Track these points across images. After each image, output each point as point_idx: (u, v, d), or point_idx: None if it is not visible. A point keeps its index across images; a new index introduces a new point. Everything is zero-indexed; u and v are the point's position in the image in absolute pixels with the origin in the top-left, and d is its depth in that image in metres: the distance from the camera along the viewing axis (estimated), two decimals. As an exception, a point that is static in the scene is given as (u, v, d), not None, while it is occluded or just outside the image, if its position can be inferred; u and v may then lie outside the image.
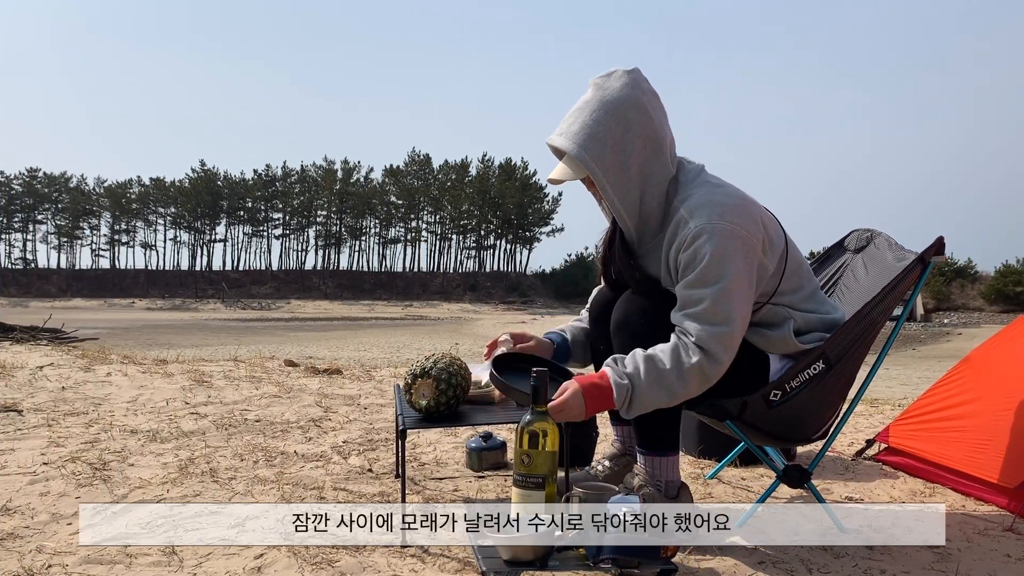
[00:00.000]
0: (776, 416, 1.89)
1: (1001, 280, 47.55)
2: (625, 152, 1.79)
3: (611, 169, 1.79)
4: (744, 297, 1.77)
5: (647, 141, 1.80)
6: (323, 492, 2.29)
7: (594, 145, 1.78)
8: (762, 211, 1.86)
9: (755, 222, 1.80)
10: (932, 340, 28.14)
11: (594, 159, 1.78)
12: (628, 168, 1.80)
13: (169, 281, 74.26)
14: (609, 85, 1.81)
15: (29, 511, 2.12)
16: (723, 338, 1.72)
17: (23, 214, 76.87)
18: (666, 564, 1.52)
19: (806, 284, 1.96)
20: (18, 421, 3.21)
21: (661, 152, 1.83)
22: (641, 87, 1.81)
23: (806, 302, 1.94)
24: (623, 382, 1.72)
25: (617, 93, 1.79)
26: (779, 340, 1.88)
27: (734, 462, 2.64)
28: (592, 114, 1.79)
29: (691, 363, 1.71)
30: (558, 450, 1.74)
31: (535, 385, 1.75)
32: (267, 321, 43.02)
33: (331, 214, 78.14)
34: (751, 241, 1.77)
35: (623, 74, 1.82)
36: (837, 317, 1.99)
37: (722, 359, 1.73)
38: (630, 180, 1.81)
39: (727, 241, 1.73)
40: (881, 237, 2.36)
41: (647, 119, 1.79)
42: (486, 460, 2.59)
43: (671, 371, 1.72)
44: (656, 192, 1.84)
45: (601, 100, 1.79)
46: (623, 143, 1.78)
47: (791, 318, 1.90)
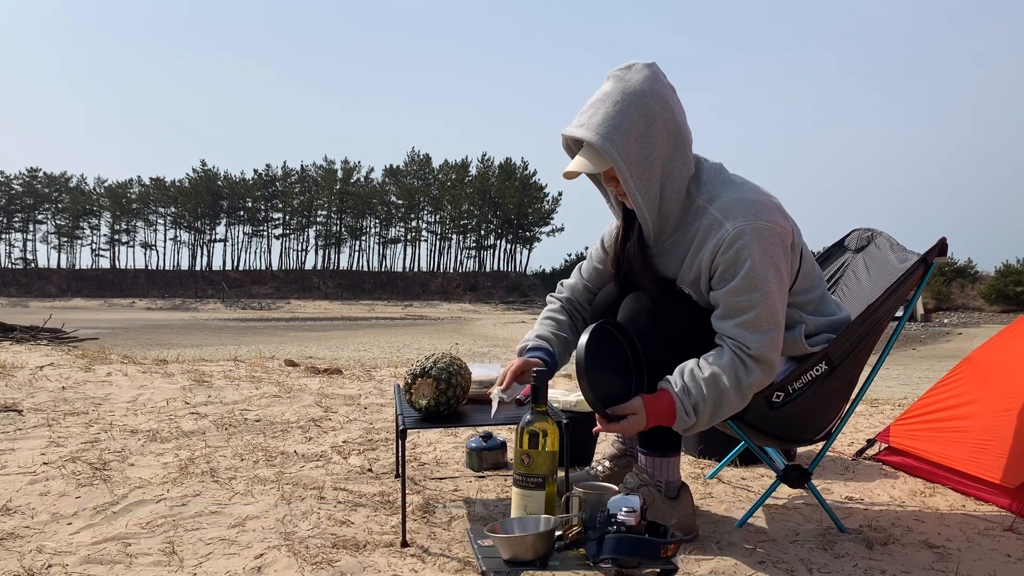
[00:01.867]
0: (778, 417, 1.89)
1: (1001, 280, 47.52)
2: (649, 145, 1.74)
3: (635, 162, 1.74)
4: (784, 297, 1.78)
5: (670, 135, 1.77)
6: (323, 492, 2.29)
7: (618, 136, 1.72)
8: (784, 210, 1.85)
9: (787, 218, 1.81)
10: (932, 340, 28.12)
11: (618, 150, 1.72)
12: (651, 162, 1.75)
13: (169, 281, 74.28)
14: (630, 77, 1.76)
15: (29, 511, 2.12)
16: (775, 344, 1.74)
17: (23, 214, 76.92)
18: (666, 564, 1.52)
19: (817, 285, 1.96)
20: (18, 421, 3.21)
21: (683, 147, 1.79)
22: (662, 80, 1.78)
23: (817, 304, 1.94)
24: (688, 420, 1.74)
25: (639, 85, 1.74)
26: (789, 343, 1.87)
27: (734, 462, 2.64)
28: (615, 105, 1.74)
29: (750, 381, 1.73)
30: (558, 450, 1.74)
31: (535, 385, 1.75)
32: (267, 321, 43.00)
33: (331, 214, 78.19)
34: (787, 239, 1.77)
35: (643, 67, 1.78)
36: (843, 317, 1.99)
37: (776, 365, 1.76)
38: (652, 174, 1.77)
39: (769, 241, 1.73)
40: (882, 237, 2.36)
41: (670, 113, 1.76)
42: (486, 460, 2.59)
43: (731, 390, 1.73)
44: (677, 188, 1.80)
45: (624, 92, 1.74)
46: (647, 135, 1.74)
47: (803, 322, 1.90)
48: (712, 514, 2.15)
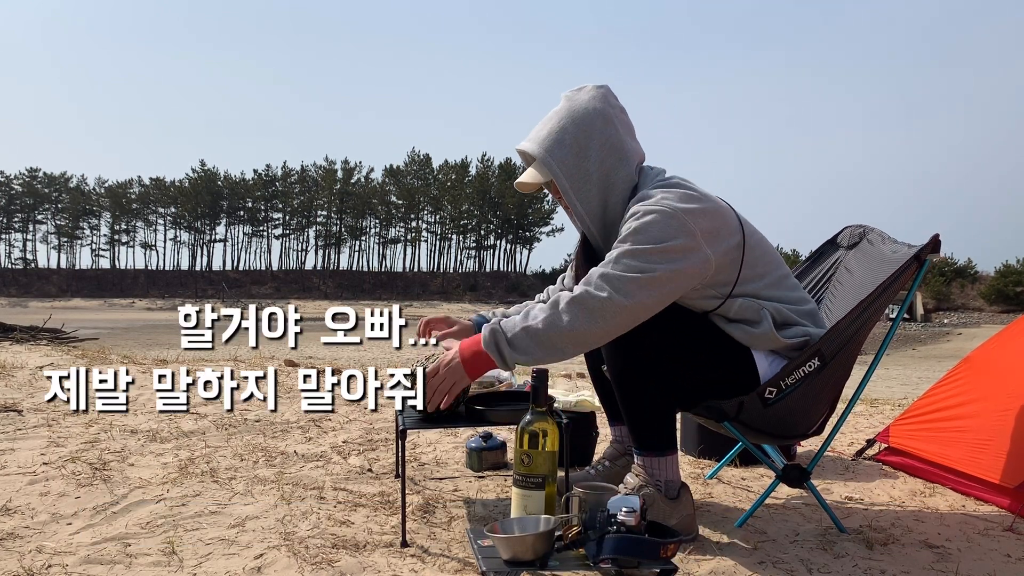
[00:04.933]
0: (771, 414, 1.89)
1: (1001, 280, 47.57)
2: (586, 158, 1.86)
3: (572, 173, 1.87)
4: (665, 265, 1.70)
5: (610, 150, 1.87)
6: (323, 492, 2.29)
7: (558, 149, 1.86)
8: (713, 203, 1.83)
9: (700, 209, 1.77)
10: (932, 340, 28.14)
11: (557, 163, 1.87)
12: (589, 173, 1.87)
13: (169, 281, 74.33)
14: (578, 98, 1.91)
15: (29, 511, 2.12)
16: (614, 280, 1.68)
17: (23, 214, 76.95)
18: (666, 564, 1.52)
19: (771, 271, 1.93)
20: (18, 421, 3.21)
21: (624, 161, 1.88)
22: (608, 101, 1.91)
23: (770, 289, 1.91)
24: (505, 350, 1.73)
25: (585, 105, 1.89)
26: (763, 336, 1.87)
27: (734, 462, 2.65)
28: (560, 122, 1.89)
29: (570, 296, 1.70)
30: (558, 450, 1.74)
31: (535, 385, 1.76)
32: (267, 321, 42.89)
33: (331, 214, 78.21)
34: (687, 222, 1.73)
35: (592, 88, 1.93)
36: (811, 308, 1.99)
37: (610, 295, 1.67)
38: (591, 185, 1.87)
39: (659, 217, 1.72)
40: (874, 232, 2.36)
41: (612, 129, 1.88)
42: (486, 460, 2.59)
43: (550, 305, 1.72)
44: (620, 199, 1.89)
45: (569, 110, 1.89)
46: (585, 149, 1.86)
47: (764, 309, 1.88)
48: (712, 514, 2.15)
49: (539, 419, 1.71)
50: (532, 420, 1.72)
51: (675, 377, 1.84)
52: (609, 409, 2.28)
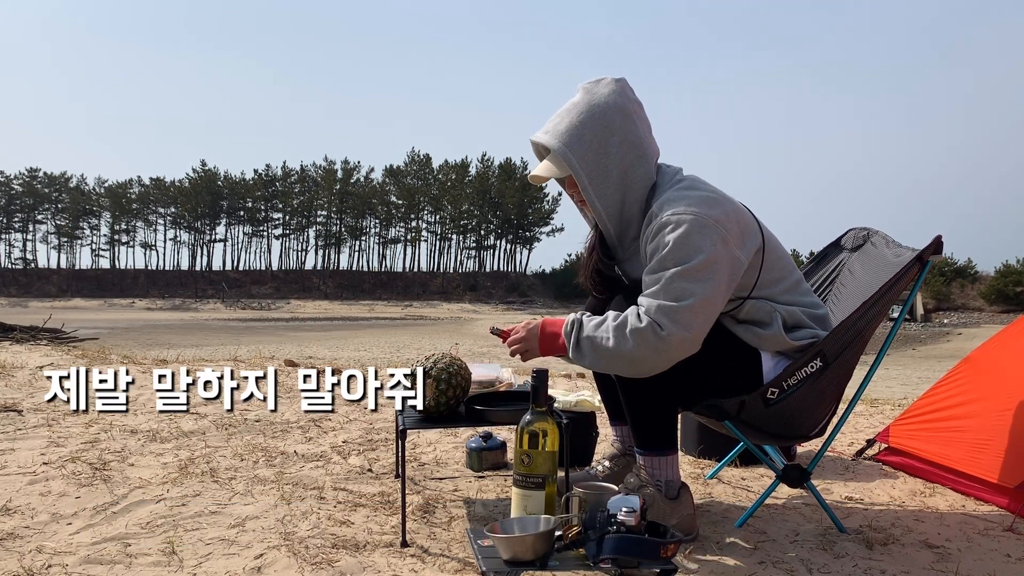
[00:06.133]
0: (773, 414, 1.89)
1: (1001, 280, 47.54)
2: (607, 154, 1.84)
3: (592, 169, 1.85)
4: (712, 281, 1.72)
5: (630, 147, 1.85)
6: (323, 492, 2.29)
7: (579, 145, 1.84)
8: (735, 206, 1.85)
9: (726, 214, 1.79)
10: (932, 340, 28.14)
11: (577, 158, 1.84)
12: (609, 170, 1.85)
13: (169, 281, 74.26)
14: (597, 91, 1.88)
15: (29, 511, 2.12)
16: (672, 312, 1.70)
17: (23, 214, 76.88)
18: (666, 564, 1.51)
19: (788, 276, 1.95)
20: (18, 421, 3.21)
21: (643, 158, 1.87)
22: (627, 95, 1.89)
23: (787, 294, 1.93)
24: (571, 351, 1.81)
25: (605, 99, 1.86)
26: (771, 337, 1.88)
27: (734, 462, 2.65)
28: (579, 116, 1.85)
29: (637, 326, 1.72)
30: (558, 450, 1.74)
31: (535, 385, 1.76)
32: (267, 321, 43.01)
33: (331, 214, 78.14)
34: (719, 229, 1.75)
35: (611, 81, 1.90)
36: (823, 313, 2.00)
37: (671, 331, 1.70)
38: (611, 182, 1.86)
39: (692, 228, 1.73)
40: (878, 235, 2.36)
41: (631, 125, 1.86)
42: (486, 460, 2.59)
43: (619, 326, 1.74)
44: (638, 197, 1.88)
45: (588, 104, 1.86)
46: (605, 145, 1.84)
47: (777, 312, 1.89)
48: (712, 514, 2.15)
49: (539, 419, 1.71)
50: (532, 420, 1.72)
51: (681, 377, 1.84)
52: (611, 409, 2.28)
